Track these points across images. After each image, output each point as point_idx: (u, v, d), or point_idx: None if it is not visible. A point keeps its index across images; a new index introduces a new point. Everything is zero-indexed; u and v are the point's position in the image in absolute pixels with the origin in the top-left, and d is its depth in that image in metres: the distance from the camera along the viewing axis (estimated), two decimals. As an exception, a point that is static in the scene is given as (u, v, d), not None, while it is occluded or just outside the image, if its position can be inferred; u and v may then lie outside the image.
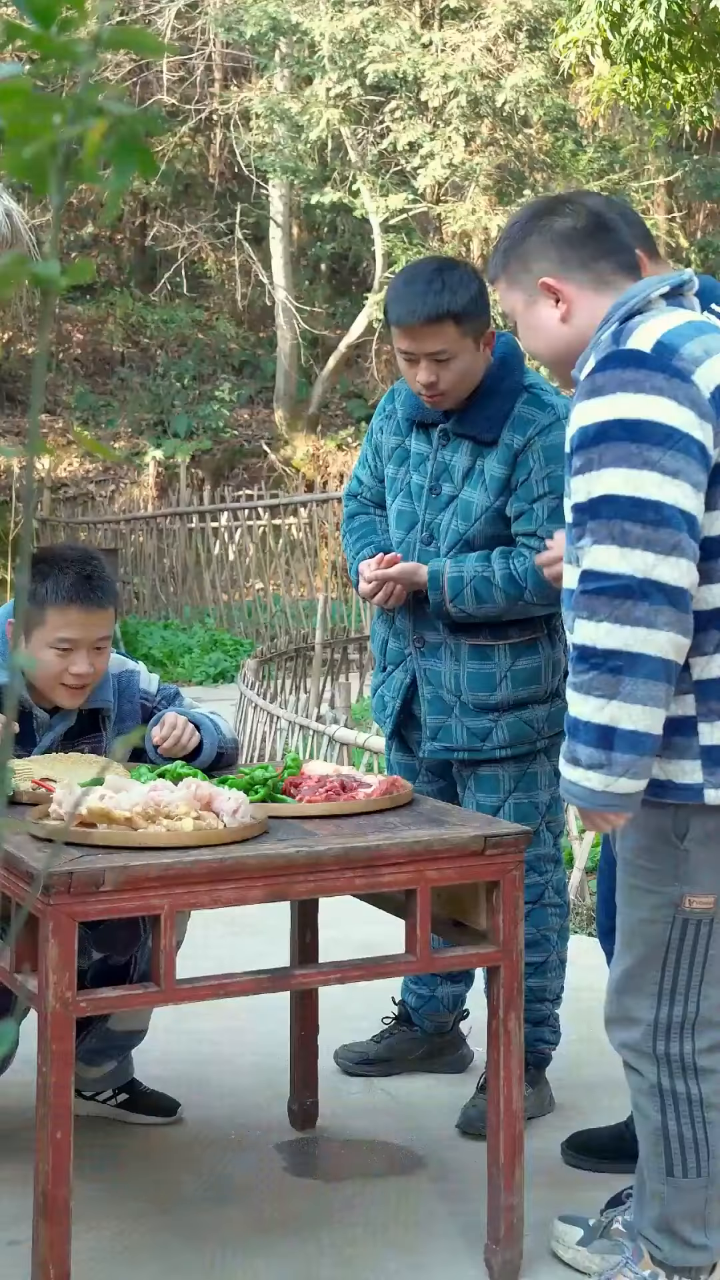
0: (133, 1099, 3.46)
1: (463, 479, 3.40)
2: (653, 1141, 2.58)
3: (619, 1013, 2.61)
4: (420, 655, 3.47)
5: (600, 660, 2.36)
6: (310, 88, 16.87)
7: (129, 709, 3.29)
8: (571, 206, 2.64)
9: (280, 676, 9.32)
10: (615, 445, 2.38)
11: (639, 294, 2.51)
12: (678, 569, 2.35)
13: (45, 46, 0.84)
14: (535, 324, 2.63)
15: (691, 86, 9.62)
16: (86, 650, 3.09)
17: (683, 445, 2.37)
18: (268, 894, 2.59)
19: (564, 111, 16.33)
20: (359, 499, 3.66)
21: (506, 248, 2.65)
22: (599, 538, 2.38)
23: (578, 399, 2.48)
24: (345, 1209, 3.05)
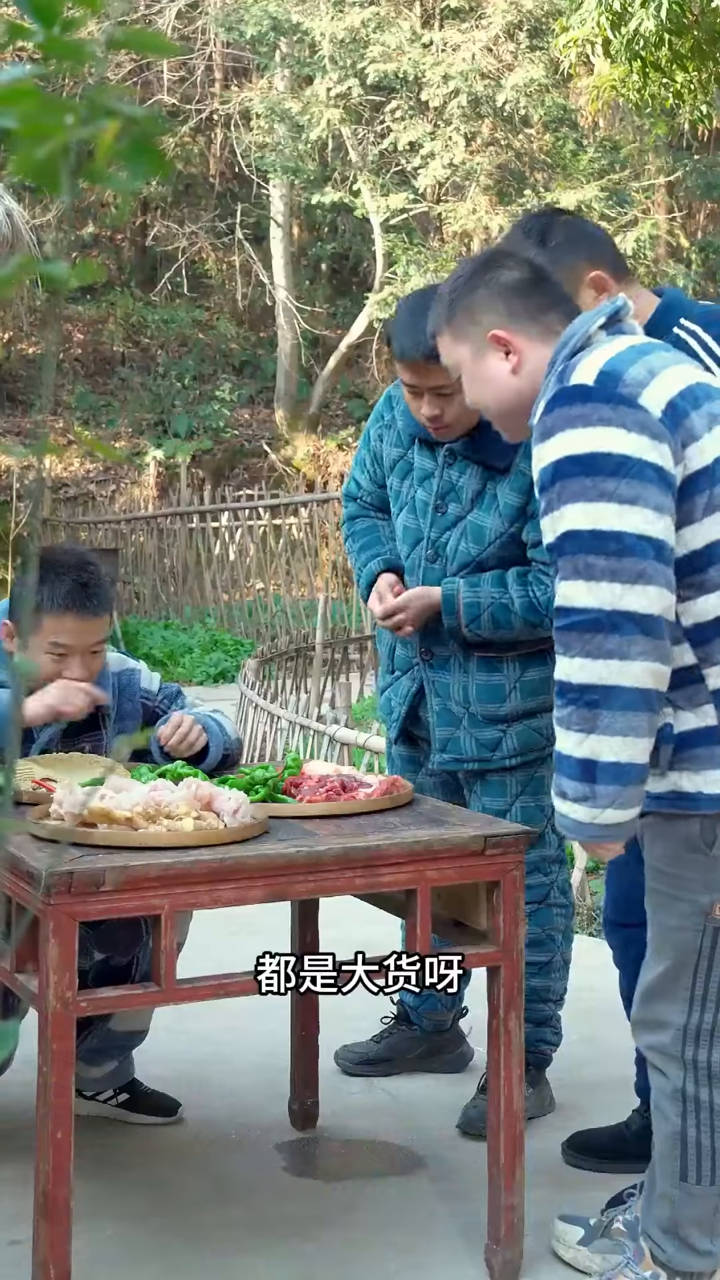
0: (133, 1099, 3.46)
1: (472, 501, 3.38)
2: (670, 1144, 2.58)
3: (649, 1017, 2.61)
4: (428, 667, 3.46)
5: (576, 695, 2.38)
6: (311, 88, 16.87)
7: (129, 708, 3.29)
8: (514, 260, 2.67)
9: (281, 676, 9.32)
10: (571, 482, 2.39)
11: (578, 332, 2.53)
12: (646, 596, 2.35)
13: (56, 48, 0.84)
14: (484, 376, 2.63)
15: (691, 85, 9.62)
16: (81, 655, 3.10)
17: (636, 471, 2.37)
18: (268, 894, 2.59)
19: (564, 111, 16.33)
20: (359, 502, 3.65)
21: (451, 301, 2.65)
22: (566, 573, 2.40)
23: (534, 444, 2.50)
24: (345, 1209, 3.05)
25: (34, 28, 0.87)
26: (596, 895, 5.16)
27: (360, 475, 3.64)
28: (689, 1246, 2.58)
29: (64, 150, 0.84)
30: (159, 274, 19.73)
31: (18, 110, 0.83)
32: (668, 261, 17.44)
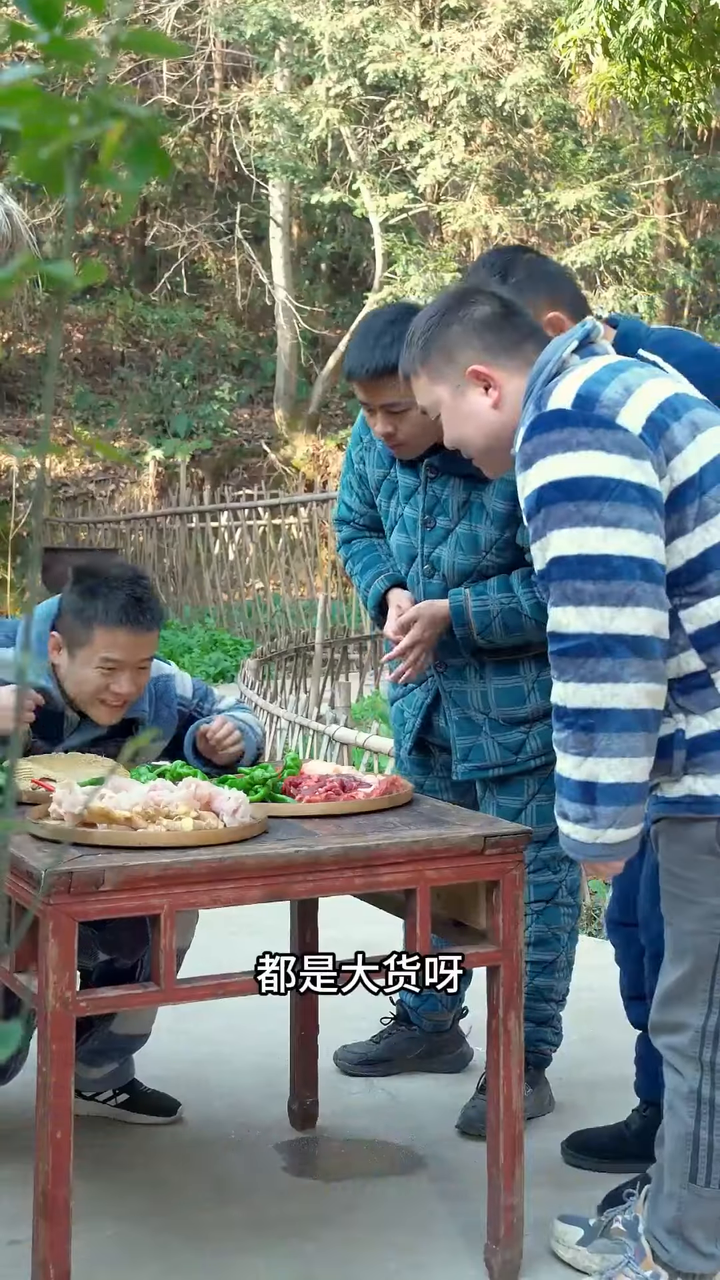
0: (133, 1099, 3.46)
1: (459, 512, 3.37)
2: (681, 1145, 2.57)
3: (668, 1018, 2.61)
4: (443, 679, 3.45)
5: (572, 719, 2.39)
6: (310, 87, 16.87)
7: (165, 715, 3.28)
8: (483, 295, 2.67)
9: (280, 676, 9.32)
10: (555, 508, 2.40)
11: (552, 358, 2.53)
12: (636, 618, 2.36)
13: (59, 49, 0.84)
14: (466, 412, 2.63)
15: (690, 84, 9.63)
16: (130, 670, 3.09)
17: (619, 493, 2.37)
18: (267, 894, 2.59)
19: (564, 111, 16.33)
20: (352, 524, 3.65)
21: (425, 342, 2.64)
22: (556, 599, 2.41)
23: (517, 472, 2.50)
24: (345, 1209, 3.05)
25: (36, 28, 0.87)
26: (596, 895, 5.16)
27: (349, 498, 3.64)
28: (693, 1248, 2.58)
29: (68, 151, 0.84)
30: (158, 274, 19.73)
31: (20, 111, 0.83)
32: (667, 261, 17.44)
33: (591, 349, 2.57)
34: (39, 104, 0.82)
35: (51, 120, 0.82)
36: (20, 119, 0.82)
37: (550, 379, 2.50)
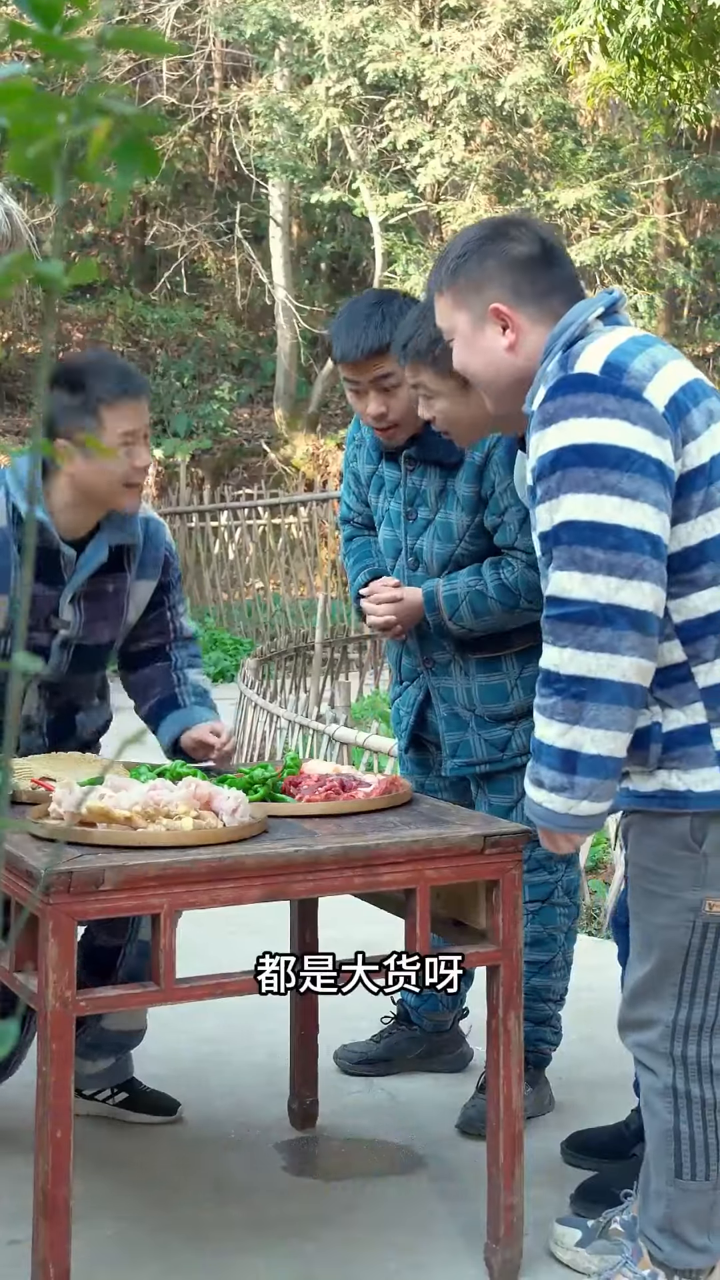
0: (132, 1098, 3.46)
1: (437, 501, 3.40)
2: (663, 1142, 2.58)
3: (636, 1014, 2.61)
4: (431, 674, 3.49)
5: (564, 685, 2.38)
6: (310, 87, 16.86)
7: (152, 556, 3.29)
8: (525, 232, 2.61)
9: (280, 676, 9.32)
10: (573, 471, 2.38)
11: (576, 320, 2.51)
12: (640, 593, 2.35)
13: (51, 46, 0.84)
14: (480, 346, 2.60)
15: (689, 84, 9.62)
16: (143, 442, 3.12)
17: (640, 466, 2.36)
18: (267, 893, 2.59)
19: (564, 110, 16.33)
20: (353, 523, 3.69)
21: (457, 266, 2.61)
22: (561, 563, 2.39)
23: (534, 430, 2.48)
24: (345, 1208, 3.05)
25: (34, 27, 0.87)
26: (596, 894, 5.16)
27: (349, 497, 3.68)
28: (685, 1243, 2.58)
29: (56, 149, 0.84)
30: (158, 273, 19.73)
31: (9, 109, 0.83)
32: (667, 260, 17.44)
33: (615, 318, 2.56)
34: (27, 102, 0.82)
35: (39, 118, 0.82)
36: (8, 117, 0.82)
37: (573, 341, 2.48)
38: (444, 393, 3.06)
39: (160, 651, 3.38)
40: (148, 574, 3.29)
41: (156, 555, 3.30)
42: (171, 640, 3.39)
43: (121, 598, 3.25)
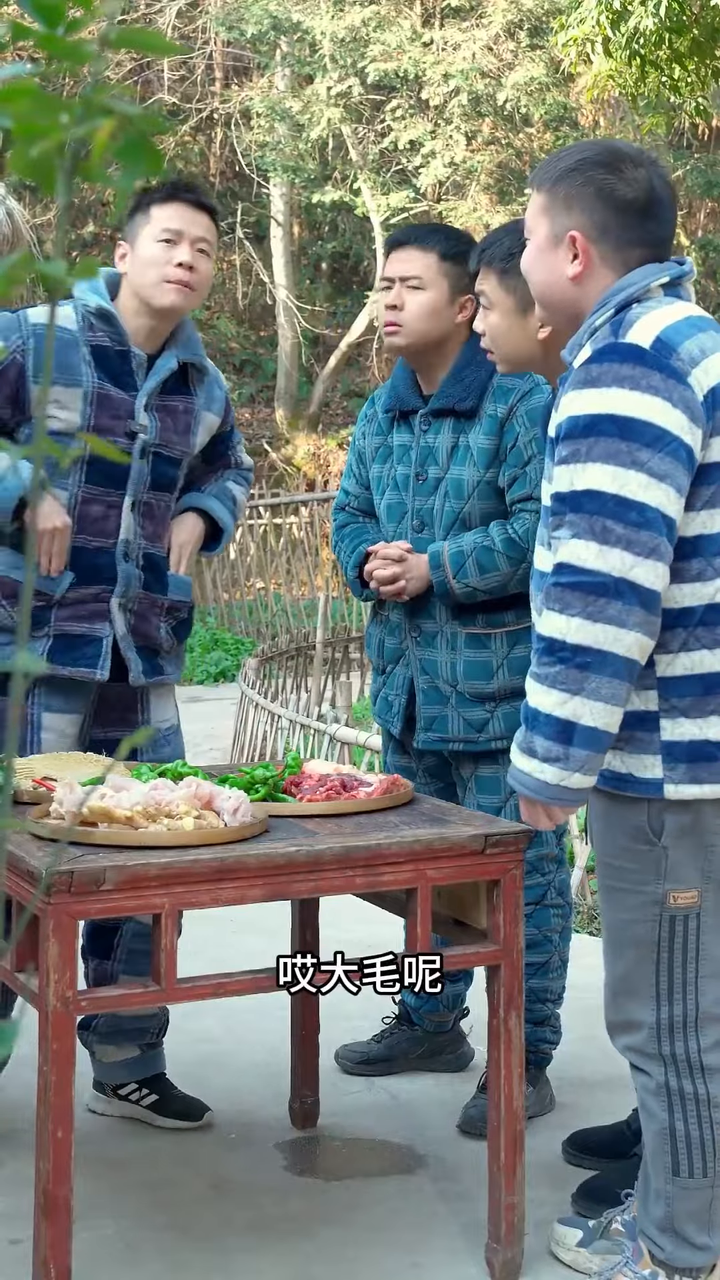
0: (162, 1100, 3.44)
1: (448, 458, 3.43)
2: (659, 1141, 2.58)
3: (620, 1017, 2.62)
4: (416, 645, 3.48)
5: (569, 655, 2.37)
6: (311, 86, 16.87)
7: (218, 394, 3.46)
8: (638, 175, 2.54)
9: (281, 675, 9.32)
10: (605, 440, 2.37)
11: (637, 283, 2.49)
12: (654, 572, 2.36)
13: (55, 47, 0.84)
14: (547, 262, 2.59)
15: (690, 83, 9.62)
16: (190, 245, 3.22)
17: (672, 449, 2.36)
18: (268, 893, 2.59)
19: (565, 110, 16.33)
20: (347, 510, 3.69)
21: (560, 175, 2.56)
22: (579, 531, 2.38)
23: (570, 387, 2.47)
24: (346, 1208, 3.05)
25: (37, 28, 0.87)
26: (597, 894, 5.16)
27: (348, 482, 3.70)
28: (686, 1242, 2.58)
29: (59, 149, 0.84)
30: (159, 273, 19.69)
31: (12, 109, 0.83)
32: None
33: (678, 290, 2.55)
34: (31, 102, 0.82)
35: (42, 118, 0.82)
36: (12, 117, 0.82)
37: (629, 303, 2.48)
38: (501, 308, 3.08)
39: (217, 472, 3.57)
40: (214, 409, 3.44)
41: (220, 395, 3.48)
42: (229, 466, 3.59)
43: (190, 418, 3.38)
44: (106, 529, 3.24)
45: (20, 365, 3.17)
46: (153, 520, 3.32)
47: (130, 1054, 3.42)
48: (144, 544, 3.30)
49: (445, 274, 3.42)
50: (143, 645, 3.29)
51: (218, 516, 3.47)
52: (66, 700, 3.24)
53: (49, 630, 3.20)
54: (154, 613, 3.32)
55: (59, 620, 3.21)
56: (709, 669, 2.46)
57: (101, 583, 3.23)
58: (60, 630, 3.20)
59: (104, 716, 3.30)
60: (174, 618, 3.38)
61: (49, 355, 0.94)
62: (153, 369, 3.28)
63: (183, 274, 3.21)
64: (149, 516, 3.31)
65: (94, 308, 3.22)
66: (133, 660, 3.27)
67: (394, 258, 3.47)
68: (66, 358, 3.19)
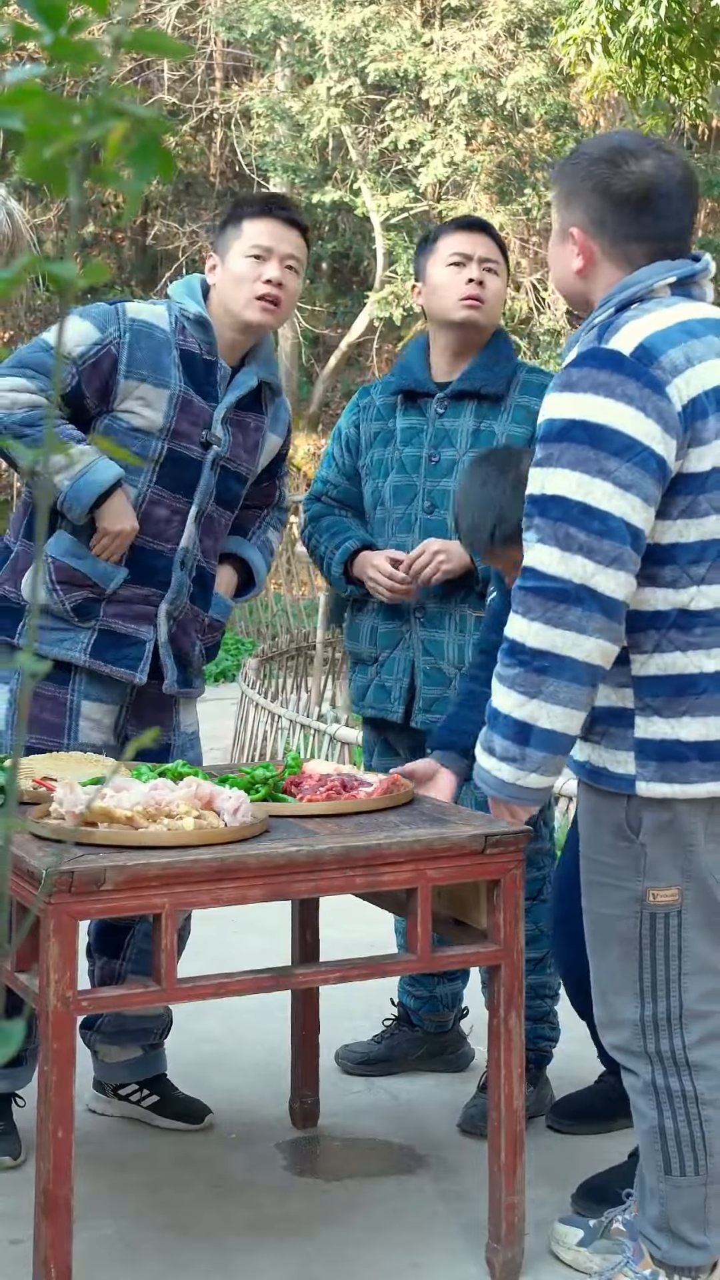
0: (163, 1101, 3.44)
1: (470, 440, 3.44)
2: (650, 1140, 2.58)
3: (606, 1014, 2.62)
4: (420, 626, 3.47)
5: (528, 658, 2.40)
6: (311, 86, 16.87)
7: (283, 416, 3.49)
8: (638, 167, 2.54)
9: (281, 675, 9.32)
10: (575, 447, 2.39)
11: (642, 282, 2.49)
12: (615, 580, 2.37)
13: (64, 49, 0.84)
14: (556, 255, 2.65)
15: (689, 83, 9.62)
16: (279, 261, 3.24)
17: (641, 459, 2.37)
18: (268, 893, 2.59)
19: (565, 110, 16.34)
20: (323, 500, 3.68)
21: (561, 172, 2.63)
22: (543, 536, 2.40)
23: (552, 388, 2.48)
24: (346, 1208, 3.05)
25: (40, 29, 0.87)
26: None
27: (328, 472, 3.68)
28: (683, 1241, 2.58)
29: (70, 151, 0.84)
30: (159, 273, 19.72)
31: (24, 111, 0.83)
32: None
33: (688, 290, 2.54)
34: (42, 104, 0.83)
35: (54, 120, 0.82)
36: (24, 119, 0.82)
37: (629, 303, 2.49)
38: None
39: (259, 507, 3.56)
40: (279, 430, 3.47)
41: (285, 417, 3.49)
42: (272, 504, 3.58)
43: (258, 436, 3.40)
44: (168, 534, 3.24)
45: (115, 357, 3.17)
46: (212, 534, 3.33)
47: (133, 1054, 3.43)
48: (199, 556, 3.31)
49: (502, 267, 3.54)
50: (178, 655, 3.30)
51: (255, 570, 3.49)
52: (106, 691, 3.25)
53: (96, 624, 3.21)
54: (194, 626, 3.33)
55: (107, 616, 3.21)
56: (680, 670, 2.47)
57: (154, 585, 3.24)
58: (107, 626, 3.21)
59: (139, 714, 3.30)
60: (211, 637, 3.39)
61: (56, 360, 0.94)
62: (233, 383, 3.31)
63: (271, 289, 3.22)
64: (209, 530, 3.32)
65: (193, 314, 3.24)
66: (169, 667, 3.28)
67: (470, 238, 3.50)
68: (159, 358, 3.20)
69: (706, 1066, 2.56)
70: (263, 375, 3.36)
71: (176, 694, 3.32)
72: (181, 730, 3.38)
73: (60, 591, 3.19)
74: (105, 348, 3.17)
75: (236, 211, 3.29)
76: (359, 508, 3.62)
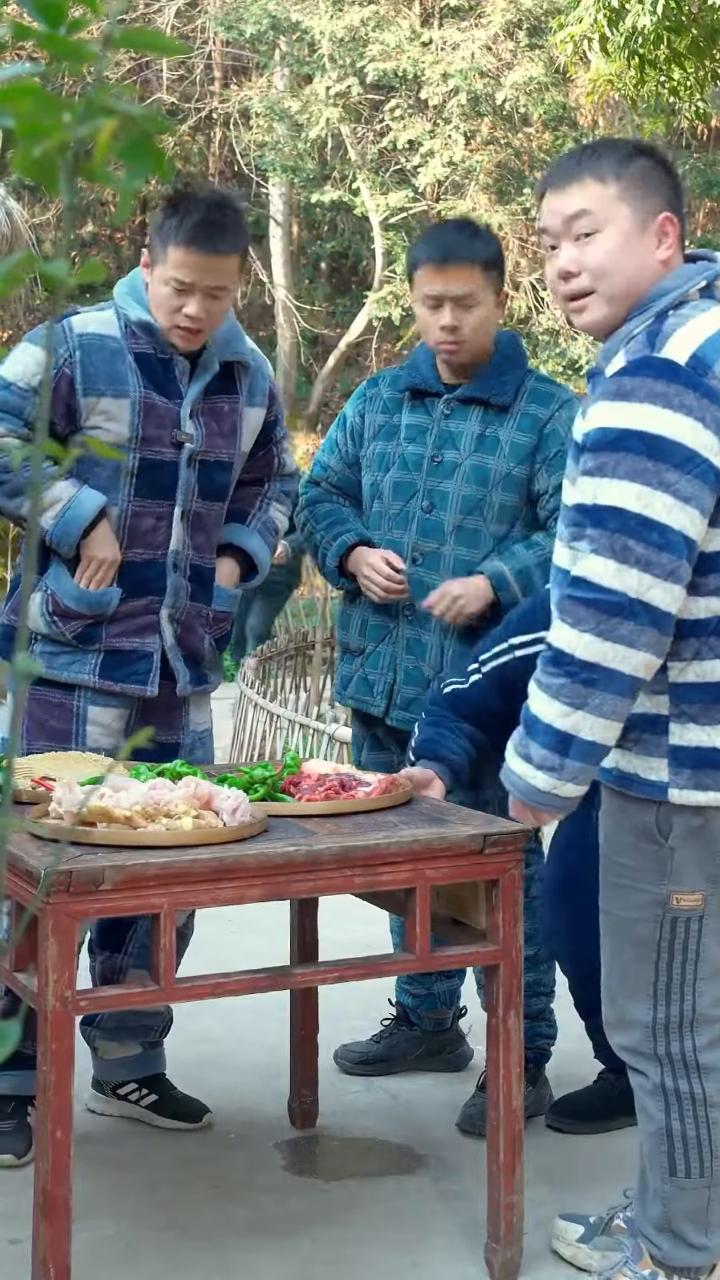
0: (161, 1101, 3.44)
1: (473, 445, 3.43)
2: (656, 1141, 2.58)
3: (616, 1015, 2.62)
4: (408, 623, 3.47)
5: (576, 670, 2.38)
6: (310, 86, 16.88)
7: (260, 385, 3.40)
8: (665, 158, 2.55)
9: (280, 675, 9.32)
10: (633, 458, 2.35)
11: (678, 288, 2.47)
12: (669, 594, 2.35)
13: (58, 47, 0.84)
14: (632, 249, 2.49)
15: (688, 83, 9.62)
16: (200, 295, 3.14)
17: (700, 470, 2.35)
18: (267, 893, 2.59)
19: (564, 110, 16.34)
20: (322, 485, 3.65)
21: (624, 157, 2.51)
22: (598, 547, 2.37)
23: (601, 396, 2.44)
24: (345, 1207, 3.05)
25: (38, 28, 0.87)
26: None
27: (328, 457, 3.66)
28: (683, 1241, 2.58)
29: (62, 149, 0.84)
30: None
31: (15, 109, 0.83)
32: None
33: (712, 292, 2.52)
34: (33, 102, 0.82)
35: (45, 118, 0.82)
36: (15, 117, 0.82)
37: (667, 310, 2.45)
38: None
39: (259, 480, 3.50)
40: (256, 402, 3.38)
41: (263, 385, 3.41)
42: (273, 473, 3.51)
43: (235, 418, 3.34)
44: (156, 541, 3.22)
45: (70, 378, 3.15)
46: (202, 530, 3.30)
47: (132, 1051, 3.42)
48: (192, 555, 3.28)
49: (491, 283, 3.40)
50: (188, 655, 3.30)
51: (255, 557, 3.43)
52: (114, 697, 3.24)
53: (100, 646, 3.21)
54: (200, 623, 3.31)
55: (110, 637, 3.21)
56: (718, 678, 2.46)
57: (151, 594, 3.23)
58: (111, 646, 3.21)
59: (149, 716, 3.29)
60: (219, 629, 3.38)
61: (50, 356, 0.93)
62: (195, 374, 3.26)
63: (189, 323, 3.16)
64: (198, 527, 3.29)
65: (135, 319, 3.20)
66: (180, 671, 3.27)
67: (443, 277, 3.36)
68: (114, 368, 3.18)
69: (716, 1069, 2.56)
70: (223, 357, 3.30)
71: (189, 695, 3.32)
72: (191, 729, 3.37)
73: (60, 623, 3.20)
74: (59, 370, 3.15)
75: (168, 224, 3.13)
76: (357, 496, 3.61)
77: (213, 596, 3.35)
